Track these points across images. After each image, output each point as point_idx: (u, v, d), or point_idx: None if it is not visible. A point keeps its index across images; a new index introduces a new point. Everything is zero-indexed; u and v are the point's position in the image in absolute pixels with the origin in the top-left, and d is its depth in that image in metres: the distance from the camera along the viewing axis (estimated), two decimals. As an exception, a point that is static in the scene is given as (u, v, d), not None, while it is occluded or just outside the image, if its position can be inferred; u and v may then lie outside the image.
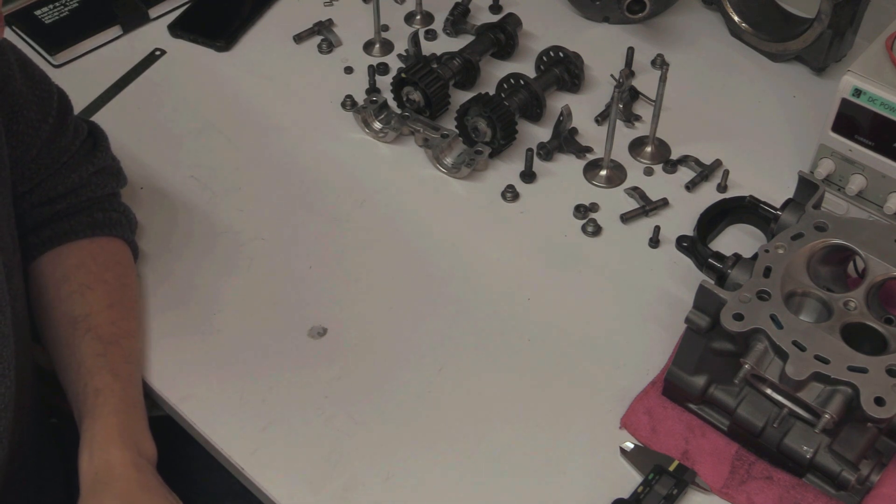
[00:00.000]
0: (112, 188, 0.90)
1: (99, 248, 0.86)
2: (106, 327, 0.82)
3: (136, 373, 0.82)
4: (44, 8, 1.15)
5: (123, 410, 0.78)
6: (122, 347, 0.82)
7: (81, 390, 0.79)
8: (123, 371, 0.80)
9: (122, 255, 0.88)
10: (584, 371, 0.84)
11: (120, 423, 0.77)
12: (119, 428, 0.77)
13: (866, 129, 0.88)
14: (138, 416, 0.80)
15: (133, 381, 0.81)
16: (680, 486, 0.75)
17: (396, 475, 0.77)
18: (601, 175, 0.99)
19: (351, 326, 0.87)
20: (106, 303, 0.83)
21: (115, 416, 0.77)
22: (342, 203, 0.97)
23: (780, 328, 0.70)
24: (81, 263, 0.85)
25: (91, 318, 0.81)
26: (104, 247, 0.87)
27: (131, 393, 0.80)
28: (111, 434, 0.77)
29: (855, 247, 0.76)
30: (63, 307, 0.83)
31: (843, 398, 0.67)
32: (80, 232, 0.86)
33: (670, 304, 0.88)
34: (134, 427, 0.79)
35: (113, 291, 0.84)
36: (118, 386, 0.79)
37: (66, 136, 0.85)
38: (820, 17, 1.02)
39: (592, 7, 1.16)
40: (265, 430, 0.80)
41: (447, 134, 1.00)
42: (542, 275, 0.91)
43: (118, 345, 0.81)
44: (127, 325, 0.84)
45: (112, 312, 0.83)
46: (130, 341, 0.83)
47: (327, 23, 1.16)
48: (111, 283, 0.85)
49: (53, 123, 0.83)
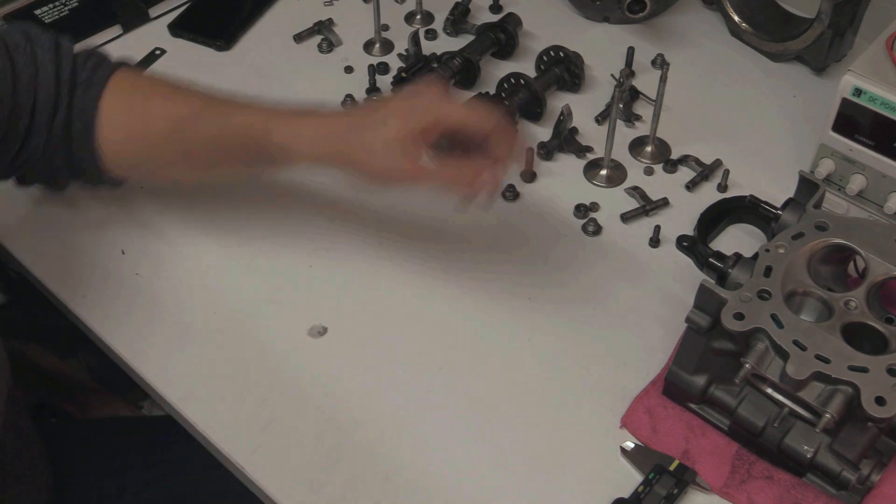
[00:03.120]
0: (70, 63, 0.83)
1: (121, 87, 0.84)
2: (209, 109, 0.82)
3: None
4: (44, 7, 1.15)
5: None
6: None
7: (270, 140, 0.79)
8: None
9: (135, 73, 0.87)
10: (584, 371, 0.84)
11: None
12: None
13: (867, 129, 0.88)
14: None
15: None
16: (680, 486, 0.75)
17: (396, 475, 0.77)
18: (601, 175, 0.99)
19: (351, 326, 0.87)
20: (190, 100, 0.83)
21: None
22: (342, 202, 0.97)
23: (780, 328, 0.70)
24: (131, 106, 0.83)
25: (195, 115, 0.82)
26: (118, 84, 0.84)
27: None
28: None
29: (855, 246, 0.76)
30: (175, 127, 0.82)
31: (844, 398, 0.67)
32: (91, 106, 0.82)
33: (670, 304, 0.88)
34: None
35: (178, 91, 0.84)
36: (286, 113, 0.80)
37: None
38: (820, 17, 1.02)
39: (592, 7, 1.16)
40: (265, 429, 0.80)
41: (447, 134, 1.00)
42: (542, 275, 0.91)
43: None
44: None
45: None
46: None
47: (327, 22, 1.16)
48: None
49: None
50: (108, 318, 0.88)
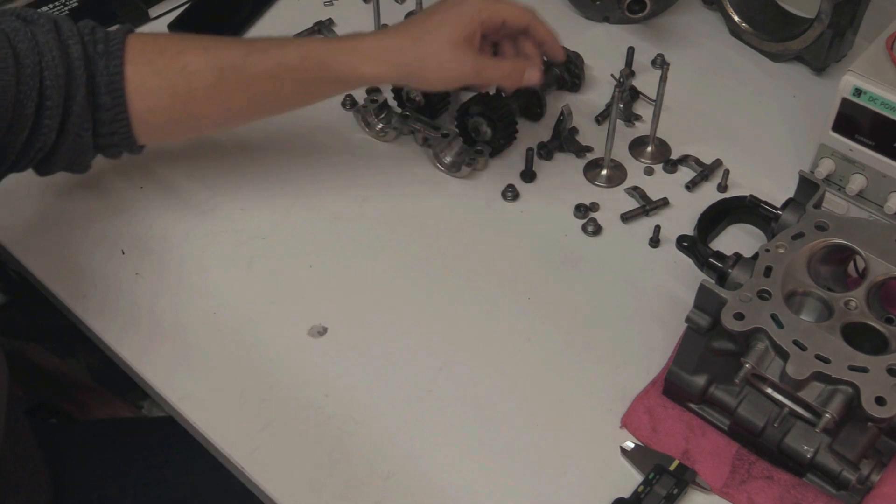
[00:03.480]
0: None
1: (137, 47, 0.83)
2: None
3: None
4: (44, 7, 1.15)
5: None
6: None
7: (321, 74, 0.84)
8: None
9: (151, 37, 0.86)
10: (584, 371, 0.84)
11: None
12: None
13: (867, 129, 0.88)
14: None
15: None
16: (680, 486, 0.75)
17: (396, 475, 0.77)
18: (602, 175, 0.99)
19: (351, 326, 0.87)
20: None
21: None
22: (342, 202, 0.97)
23: (780, 327, 0.70)
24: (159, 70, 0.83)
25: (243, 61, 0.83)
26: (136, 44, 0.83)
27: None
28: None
29: (855, 246, 0.76)
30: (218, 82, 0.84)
31: (844, 398, 0.67)
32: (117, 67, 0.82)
33: (670, 304, 0.88)
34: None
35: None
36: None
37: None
38: (820, 17, 1.02)
39: (592, 7, 1.16)
40: (265, 429, 0.80)
41: (447, 133, 1.00)
42: (542, 274, 0.91)
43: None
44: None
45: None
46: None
47: (327, 22, 1.16)
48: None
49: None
50: (108, 318, 0.88)
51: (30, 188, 0.98)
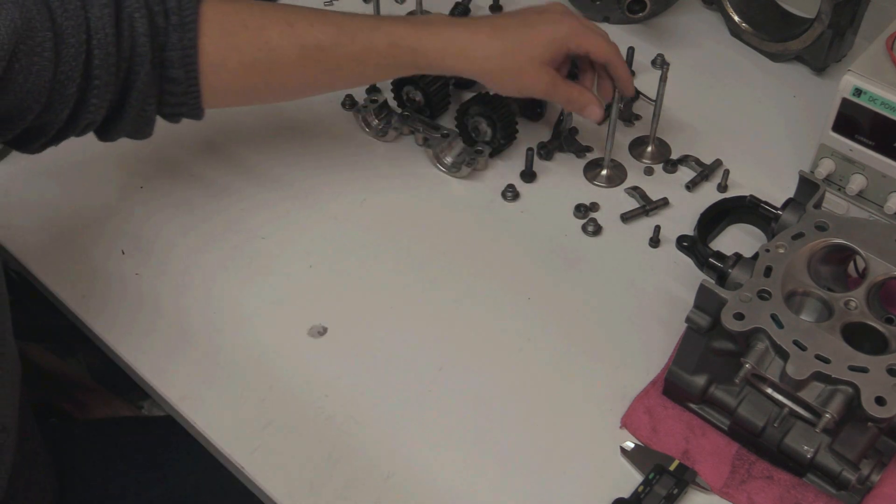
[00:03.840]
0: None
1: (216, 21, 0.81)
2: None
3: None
4: (44, 7, 1.15)
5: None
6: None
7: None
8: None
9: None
10: (584, 371, 0.84)
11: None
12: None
13: (867, 129, 0.88)
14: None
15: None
16: (680, 486, 0.75)
17: (396, 475, 0.77)
18: (602, 175, 0.99)
19: (351, 326, 0.87)
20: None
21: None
22: (342, 202, 0.97)
23: (780, 328, 0.70)
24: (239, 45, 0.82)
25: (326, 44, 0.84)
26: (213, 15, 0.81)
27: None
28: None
29: (855, 246, 0.76)
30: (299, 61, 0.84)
31: (844, 398, 0.67)
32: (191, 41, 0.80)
33: (670, 304, 0.88)
34: None
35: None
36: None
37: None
38: (820, 17, 1.02)
39: (592, 7, 1.16)
40: (265, 429, 0.80)
41: (447, 133, 1.00)
42: (542, 275, 0.91)
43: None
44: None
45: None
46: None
47: (327, 22, 1.16)
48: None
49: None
50: (108, 318, 0.88)
51: (30, 188, 0.98)
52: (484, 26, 0.87)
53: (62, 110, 0.76)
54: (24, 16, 0.69)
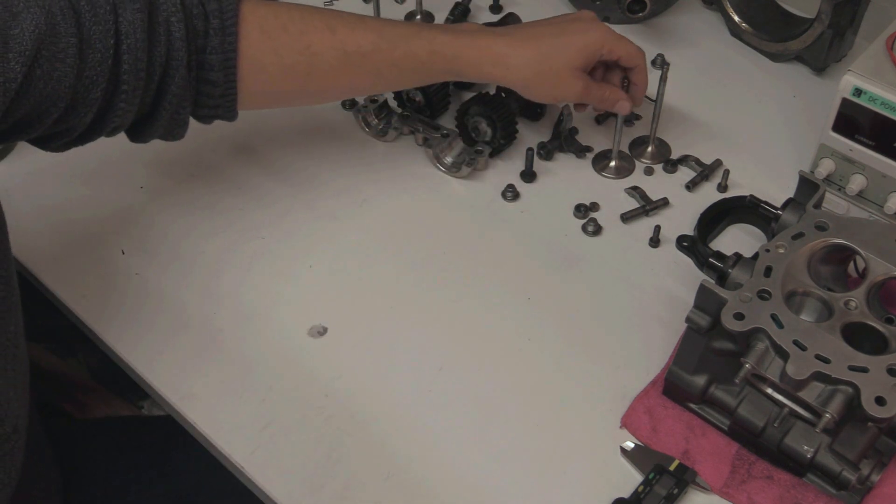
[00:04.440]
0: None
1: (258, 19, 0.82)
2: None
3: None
4: None
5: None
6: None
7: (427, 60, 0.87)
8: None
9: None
10: (584, 371, 0.84)
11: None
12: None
13: (867, 129, 0.88)
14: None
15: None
16: (680, 486, 0.75)
17: (396, 475, 0.77)
18: (610, 166, 0.99)
19: (351, 326, 0.87)
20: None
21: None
22: (342, 202, 0.97)
23: (780, 327, 0.70)
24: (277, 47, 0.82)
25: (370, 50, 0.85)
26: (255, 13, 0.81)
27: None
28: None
29: (855, 246, 0.76)
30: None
31: (844, 398, 0.67)
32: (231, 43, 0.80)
33: (670, 304, 0.88)
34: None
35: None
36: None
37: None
38: (820, 17, 1.02)
39: (592, 7, 1.16)
40: (265, 429, 0.80)
41: (447, 133, 1.00)
42: (542, 274, 0.91)
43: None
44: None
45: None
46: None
47: (327, 22, 1.16)
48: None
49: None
50: (108, 318, 0.88)
51: (30, 188, 0.98)
52: (519, 35, 0.89)
53: (85, 114, 0.75)
54: (48, 21, 0.68)
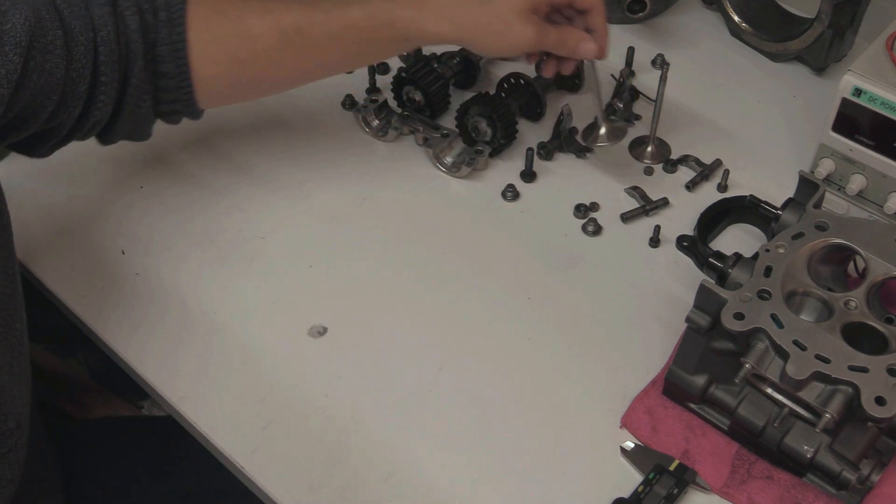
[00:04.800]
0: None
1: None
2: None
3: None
4: None
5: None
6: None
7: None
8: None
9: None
10: (584, 371, 0.84)
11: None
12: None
13: (867, 129, 0.88)
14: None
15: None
16: (680, 486, 0.75)
17: (396, 475, 0.77)
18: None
19: (351, 326, 0.87)
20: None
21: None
22: (342, 202, 0.97)
23: (780, 327, 0.70)
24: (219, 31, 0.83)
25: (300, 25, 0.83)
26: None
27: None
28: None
29: (855, 246, 0.76)
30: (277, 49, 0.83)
31: (844, 398, 0.67)
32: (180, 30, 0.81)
33: (670, 304, 0.88)
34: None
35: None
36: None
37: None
38: (820, 17, 1.02)
39: (592, 7, 1.16)
40: (265, 429, 0.80)
41: (447, 133, 1.00)
42: (542, 274, 0.91)
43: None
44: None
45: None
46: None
47: (327, 22, 1.16)
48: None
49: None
50: (108, 318, 0.88)
51: (30, 188, 0.98)
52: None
53: (74, 108, 0.77)
54: (36, 14, 0.71)
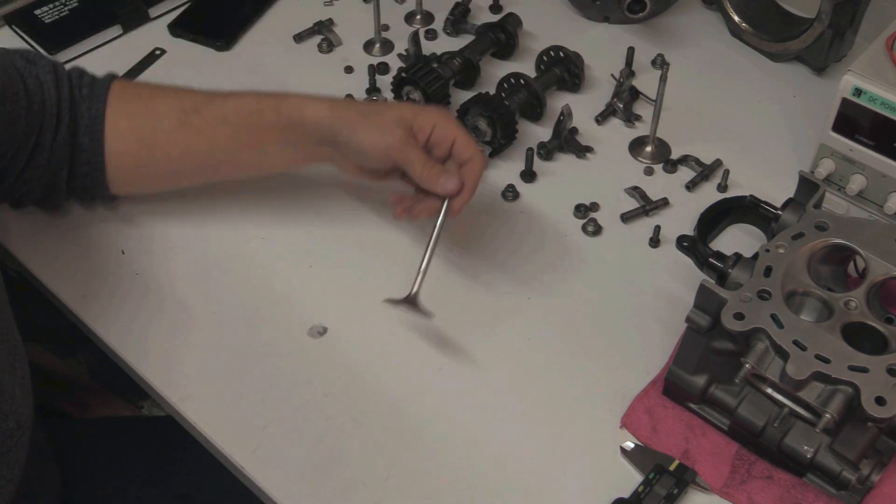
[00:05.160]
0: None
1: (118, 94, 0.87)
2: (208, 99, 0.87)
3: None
4: (44, 7, 1.15)
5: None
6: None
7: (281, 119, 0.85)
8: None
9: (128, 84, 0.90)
10: (584, 371, 0.84)
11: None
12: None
13: (867, 129, 0.88)
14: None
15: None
16: (680, 486, 0.75)
17: (396, 475, 0.77)
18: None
19: (351, 326, 0.87)
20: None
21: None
22: (342, 202, 0.97)
23: (780, 327, 0.70)
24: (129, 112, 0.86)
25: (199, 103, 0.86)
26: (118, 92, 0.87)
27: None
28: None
29: (855, 246, 0.76)
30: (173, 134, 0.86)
31: (844, 398, 0.67)
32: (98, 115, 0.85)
33: (671, 304, 0.88)
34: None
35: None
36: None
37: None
38: (820, 17, 1.02)
39: (592, 7, 1.16)
40: (265, 429, 0.80)
41: (447, 134, 1.00)
42: (542, 275, 0.91)
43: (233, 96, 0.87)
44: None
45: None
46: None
47: (327, 22, 1.16)
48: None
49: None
50: (108, 318, 0.88)
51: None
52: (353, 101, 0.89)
53: (20, 163, 0.83)
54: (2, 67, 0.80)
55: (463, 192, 0.83)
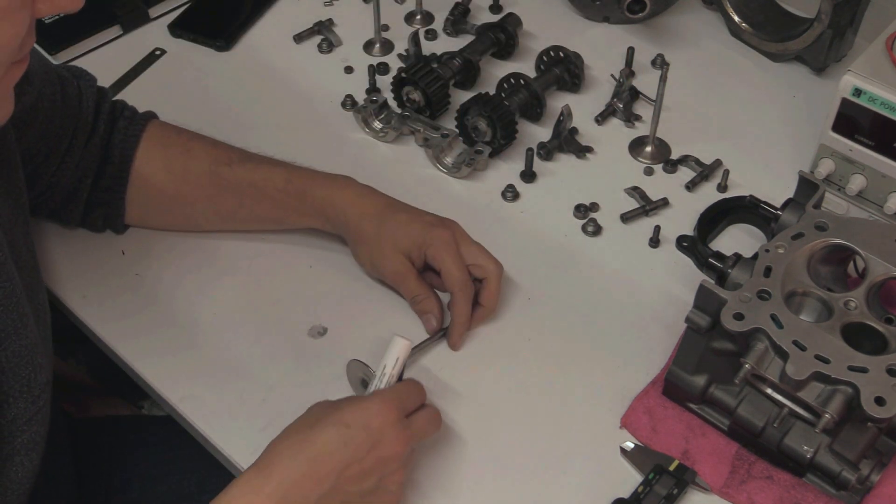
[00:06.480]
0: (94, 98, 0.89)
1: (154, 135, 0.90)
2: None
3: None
4: (44, 7, 1.15)
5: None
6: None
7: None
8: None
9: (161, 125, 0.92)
10: (584, 371, 0.84)
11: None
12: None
13: (866, 129, 0.88)
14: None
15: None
16: (680, 486, 0.75)
17: (396, 475, 0.77)
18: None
19: (351, 326, 0.87)
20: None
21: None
22: (342, 203, 0.97)
23: (780, 328, 0.70)
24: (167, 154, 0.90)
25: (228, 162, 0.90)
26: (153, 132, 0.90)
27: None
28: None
29: (855, 246, 0.76)
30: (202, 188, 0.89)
31: (844, 398, 0.67)
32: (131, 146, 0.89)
33: (670, 304, 0.88)
34: None
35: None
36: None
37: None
38: (820, 17, 1.02)
39: (592, 7, 1.16)
40: (265, 430, 0.80)
41: (447, 133, 1.00)
42: (542, 275, 0.91)
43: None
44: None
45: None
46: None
47: (327, 22, 1.16)
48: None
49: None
50: (108, 318, 0.88)
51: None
52: (382, 196, 0.88)
53: (54, 163, 0.85)
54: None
55: (478, 316, 0.85)
